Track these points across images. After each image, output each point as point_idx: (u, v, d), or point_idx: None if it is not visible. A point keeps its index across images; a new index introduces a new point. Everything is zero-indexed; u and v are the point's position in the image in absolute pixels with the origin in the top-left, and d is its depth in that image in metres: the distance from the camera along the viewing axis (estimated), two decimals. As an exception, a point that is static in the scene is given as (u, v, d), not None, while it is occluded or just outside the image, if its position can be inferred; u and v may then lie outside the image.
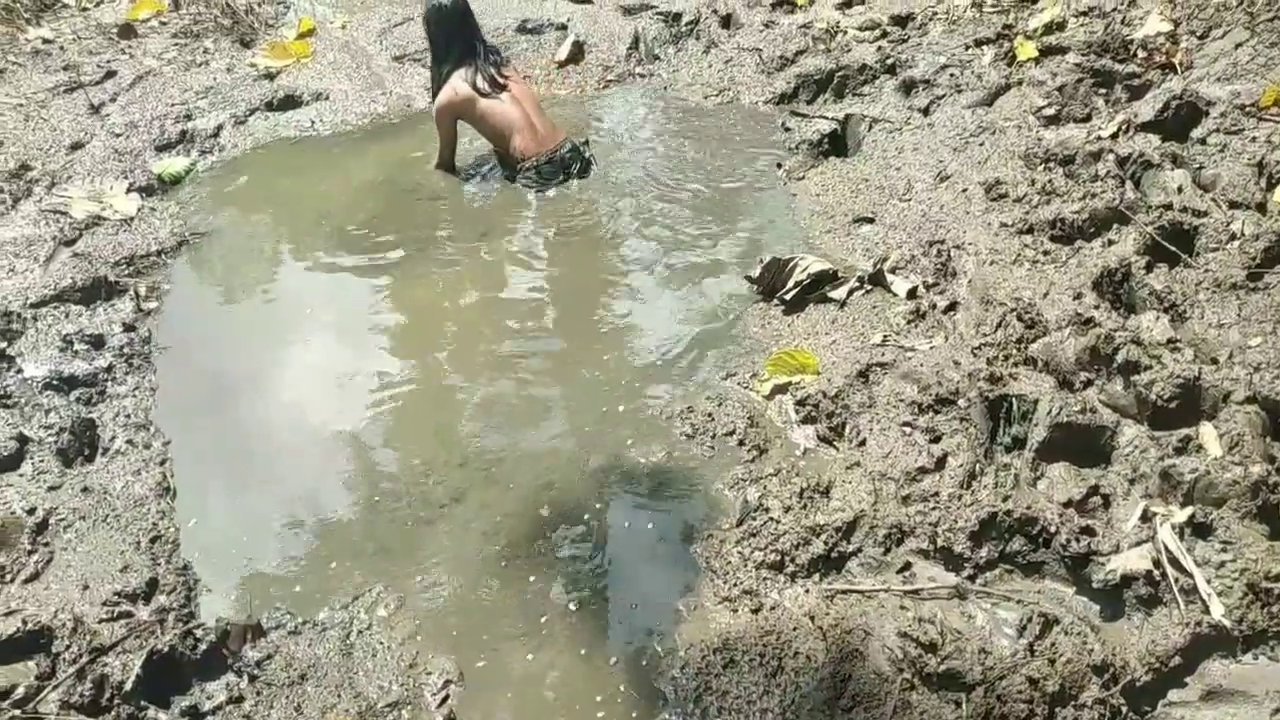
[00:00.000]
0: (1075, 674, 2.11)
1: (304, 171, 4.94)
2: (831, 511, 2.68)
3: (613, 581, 2.68)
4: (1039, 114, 4.58)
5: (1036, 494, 2.61)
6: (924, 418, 2.90)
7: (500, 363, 3.54)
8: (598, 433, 3.16)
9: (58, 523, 2.77)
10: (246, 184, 4.85)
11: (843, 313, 3.61)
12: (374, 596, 2.61)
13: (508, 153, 4.74)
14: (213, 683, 2.36)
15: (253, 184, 4.85)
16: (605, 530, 2.85)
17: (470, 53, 4.67)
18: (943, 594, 2.40)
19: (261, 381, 3.51)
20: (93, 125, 5.15)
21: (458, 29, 4.67)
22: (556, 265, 4.18)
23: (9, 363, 3.40)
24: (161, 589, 2.61)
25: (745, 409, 3.17)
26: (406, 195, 4.68)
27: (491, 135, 4.77)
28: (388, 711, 2.29)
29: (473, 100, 4.62)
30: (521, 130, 4.67)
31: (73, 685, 2.27)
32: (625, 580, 2.69)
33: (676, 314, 3.79)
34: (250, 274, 4.17)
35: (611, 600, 2.63)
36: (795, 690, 2.28)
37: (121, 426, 3.21)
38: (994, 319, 3.31)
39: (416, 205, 4.61)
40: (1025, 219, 3.83)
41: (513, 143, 4.68)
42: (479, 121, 4.72)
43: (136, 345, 3.62)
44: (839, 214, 4.31)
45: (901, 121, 4.92)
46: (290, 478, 3.06)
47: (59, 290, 3.80)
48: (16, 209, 4.34)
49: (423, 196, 4.68)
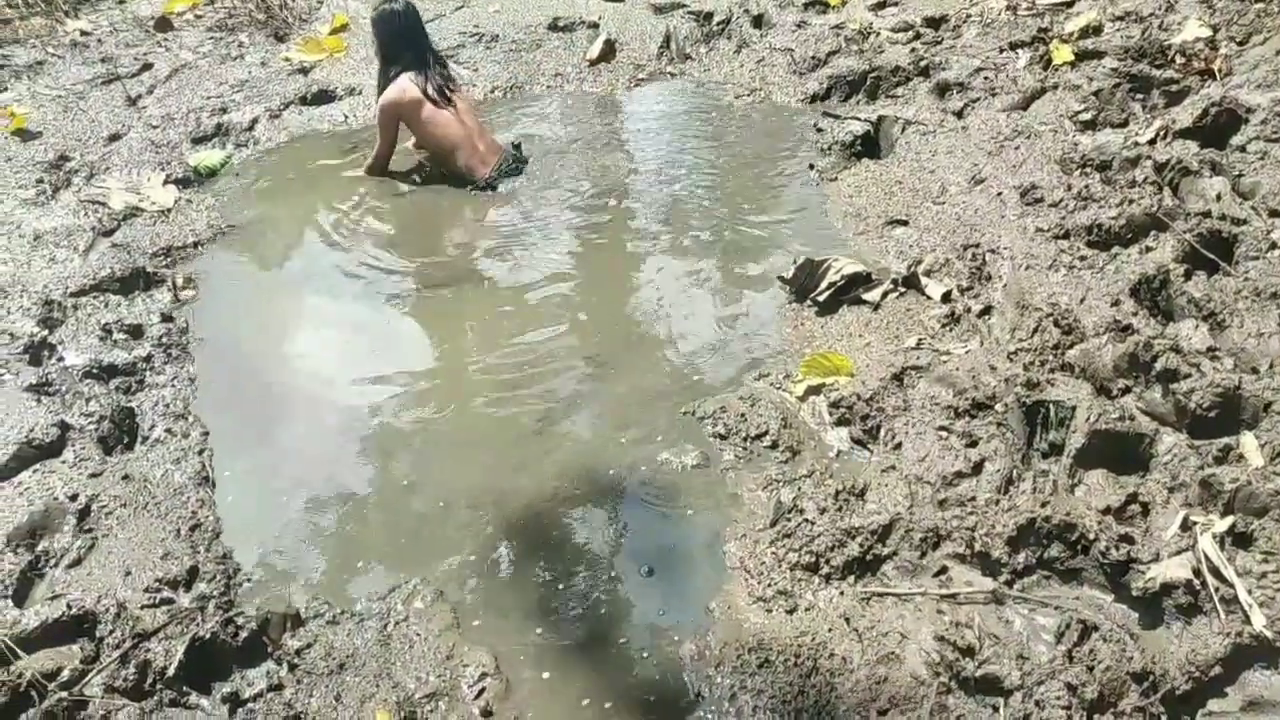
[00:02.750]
0: (1114, 681, 2.11)
1: (337, 165, 4.97)
2: (867, 514, 2.68)
3: (645, 580, 2.69)
4: (1075, 119, 4.55)
5: (1075, 500, 2.61)
6: (960, 422, 2.89)
7: (530, 360, 3.55)
8: (628, 432, 3.17)
9: (99, 510, 2.81)
10: (281, 177, 4.89)
11: (876, 315, 3.60)
12: (411, 588, 2.63)
13: (448, 167, 4.73)
14: (253, 670, 2.38)
15: (287, 177, 4.89)
16: (637, 528, 2.86)
17: (420, 61, 4.65)
18: (980, 599, 2.40)
19: (297, 373, 3.54)
20: (130, 117, 5.21)
21: (408, 36, 4.65)
22: (586, 265, 4.19)
23: (50, 351, 3.45)
24: (202, 577, 2.64)
25: (778, 410, 3.17)
26: (438, 188, 4.70)
27: (434, 145, 4.73)
28: (425, 702, 2.31)
29: (420, 103, 4.59)
30: (464, 148, 4.68)
31: (116, 670, 2.30)
32: (658, 579, 2.69)
33: (708, 315, 3.79)
34: (285, 266, 4.21)
35: (645, 598, 2.64)
36: (830, 691, 2.28)
37: (161, 415, 3.25)
38: (1030, 324, 3.30)
39: (444, 196, 4.63)
40: (1061, 224, 3.81)
41: (457, 159, 4.68)
42: (422, 127, 4.68)
43: (174, 335, 3.66)
44: (872, 216, 4.30)
45: (935, 124, 4.90)
46: (327, 469, 3.09)
47: (98, 280, 3.85)
48: (56, 199, 4.40)
49: (452, 190, 4.70)
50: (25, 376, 3.26)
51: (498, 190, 4.68)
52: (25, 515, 2.74)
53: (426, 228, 4.39)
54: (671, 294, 3.93)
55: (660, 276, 4.05)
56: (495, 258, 4.20)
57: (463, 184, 4.72)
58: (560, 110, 5.61)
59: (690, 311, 3.81)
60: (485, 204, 4.61)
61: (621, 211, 4.54)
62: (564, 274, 4.11)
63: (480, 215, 4.53)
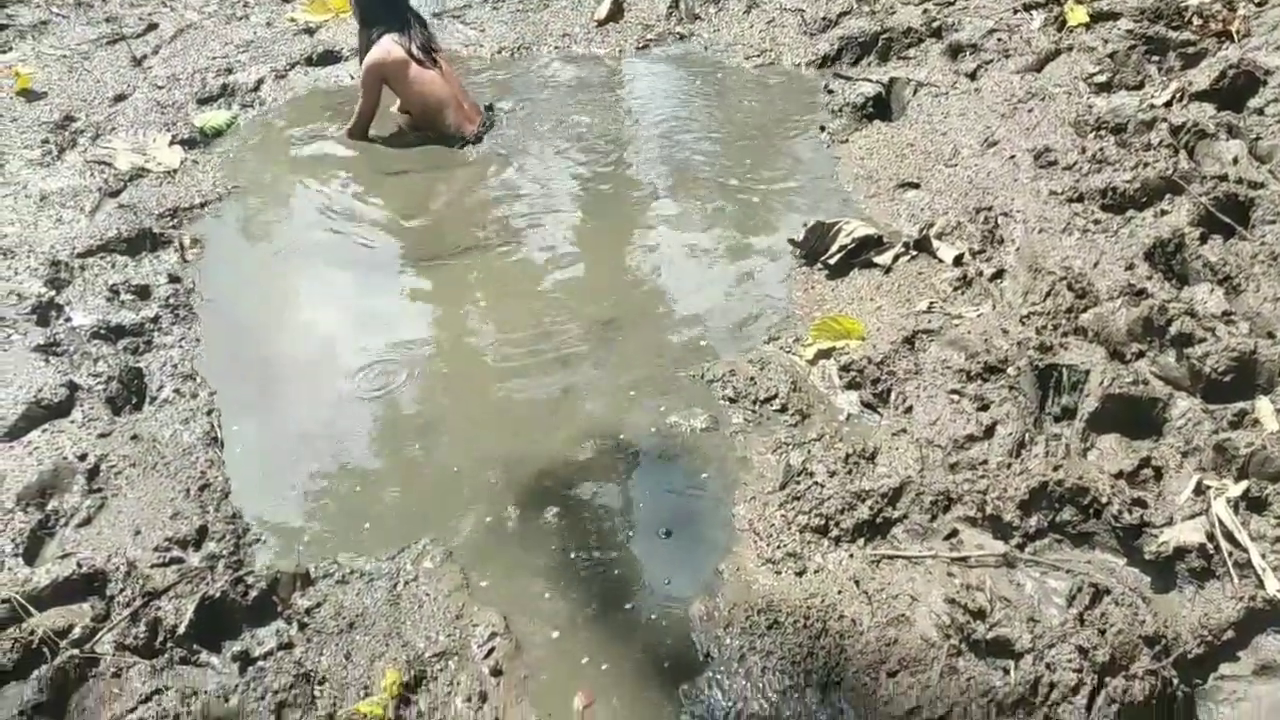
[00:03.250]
0: (1126, 644, 2.10)
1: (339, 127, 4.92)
2: (877, 477, 2.67)
3: (654, 541, 2.69)
4: (1090, 81, 4.49)
5: (1087, 464, 2.59)
6: (972, 385, 2.88)
7: (539, 324, 3.53)
8: (637, 395, 3.15)
9: (109, 469, 2.81)
10: (287, 138, 4.85)
11: (888, 279, 3.57)
12: (420, 549, 2.63)
13: (435, 127, 4.70)
14: (263, 629, 2.39)
15: (293, 138, 4.85)
16: (646, 491, 2.85)
17: (400, 22, 4.60)
18: (991, 562, 2.39)
19: (305, 334, 3.53)
20: (135, 78, 5.16)
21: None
22: (594, 229, 4.16)
23: (58, 311, 3.44)
24: (211, 536, 2.64)
25: (788, 374, 3.15)
26: (443, 149, 4.67)
27: (420, 104, 4.69)
28: (435, 661, 2.31)
29: (405, 63, 4.55)
30: (452, 106, 4.68)
31: (127, 627, 2.31)
32: (666, 541, 2.69)
33: (717, 277, 3.77)
34: (292, 227, 4.18)
35: (654, 560, 2.64)
36: (840, 653, 2.28)
37: (169, 376, 3.24)
38: (1043, 288, 3.27)
39: (453, 158, 4.60)
40: (1075, 187, 3.77)
41: (446, 118, 4.67)
42: (409, 88, 4.63)
43: (181, 296, 3.64)
44: (883, 179, 4.26)
45: (948, 86, 4.84)
46: (335, 430, 3.08)
47: (105, 241, 3.83)
48: (62, 159, 4.37)
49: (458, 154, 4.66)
50: (33, 337, 3.25)
51: (483, 142, 4.71)
52: (35, 474, 2.74)
53: (433, 191, 4.36)
54: (680, 257, 3.90)
55: (669, 239, 4.02)
56: (503, 222, 4.17)
57: (450, 143, 4.70)
58: (568, 71, 5.54)
59: (699, 275, 3.78)
60: (492, 168, 4.57)
61: (629, 174, 4.50)
62: (572, 237, 4.08)
63: (487, 179, 4.49)
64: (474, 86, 5.26)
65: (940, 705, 2.10)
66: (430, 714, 2.18)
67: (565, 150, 4.70)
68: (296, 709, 2.10)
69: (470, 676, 2.29)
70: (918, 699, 2.13)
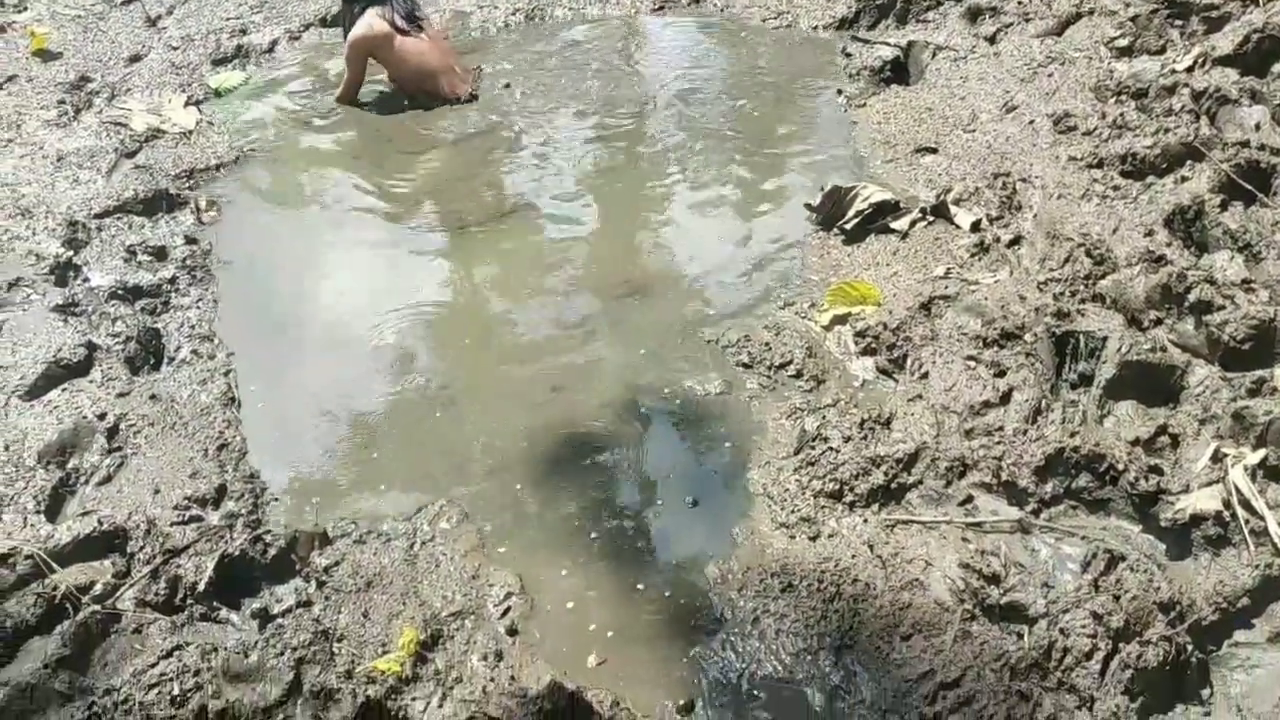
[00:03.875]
0: (1140, 610, 2.11)
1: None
2: (892, 443, 2.67)
3: (669, 504, 2.70)
4: (1111, 45, 4.43)
5: (1104, 431, 2.59)
6: (988, 352, 2.87)
7: (554, 288, 3.53)
8: (652, 359, 3.15)
9: (128, 428, 2.83)
10: (301, 99, 4.83)
11: (904, 244, 3.55)
12: (436, 509, 2.65)
13: (430, 93, 4.69)
14: (282, 587, 2.41)
15: (307, 99, 4.83)
16: (660, 455, 2.86)
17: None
18: (1005, 527, 2.40)
19: (321, 295, 3.54)
20: (150, 38, 5.15)
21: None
22: (608, 193, 4.14)
23: (75, 272, 3.45)
24: (230, 495, 2.67)
25: (803, 339, 3.15)
26: (459, 115, 4.65)
27: (412, 73, 4.68)
28: (452, 621, 2.33)
29: (390, 37, 4.55)
30: (446, 72, 4.69)
31: (148, 584, 2.34)
32: (681, 504, 2.70)
33: (733, 242, 3.75)
34: (307, 189, 4.18)
35: (668, 522, 2.65)
36: (854, 616, 2.30)
37: (186, 337, 3.26)
38: (1061, 254, 3.24)
39: (469, 123, 4.58)
40: (1095, 153, 3.73)
41: (440, 84, 4.68)
42: (396, 60, 4.64)
43: (198, 257, 3.65)
44: (901, 143, 4.22)
45: (967, 50, 4.78)
46: (352, 391, 3.09)
47: (122, 201, 3.84)
48: (78, 120, 4.37)
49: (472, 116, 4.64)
50: (52, 297, 3.27)
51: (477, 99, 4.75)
52: (55, 433, 2.76)
53: (449, 155, 4.34)
54: (695, 222, 3.89)
55: (684, 204, 4.00)
56: (518, 187, 4.16)
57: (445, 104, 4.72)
58: (582, 34, 5.49)
59: (715, 239, 3.77)
60: (507, 133, 4.55)
61: (644, 139, 4.47)
62: (586, 202, 4.07)
63: (502, 144, 4.47)
64: (487, 50, 5.24)
65: (953, 669, 2.11)
66: (447, 672, 2.20)
67: (580, 114, 4.67)
68: (316, 665, 2.12)
69: (486, 635, 2.31)
70: (931, 663, 2.14)
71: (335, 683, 2.07)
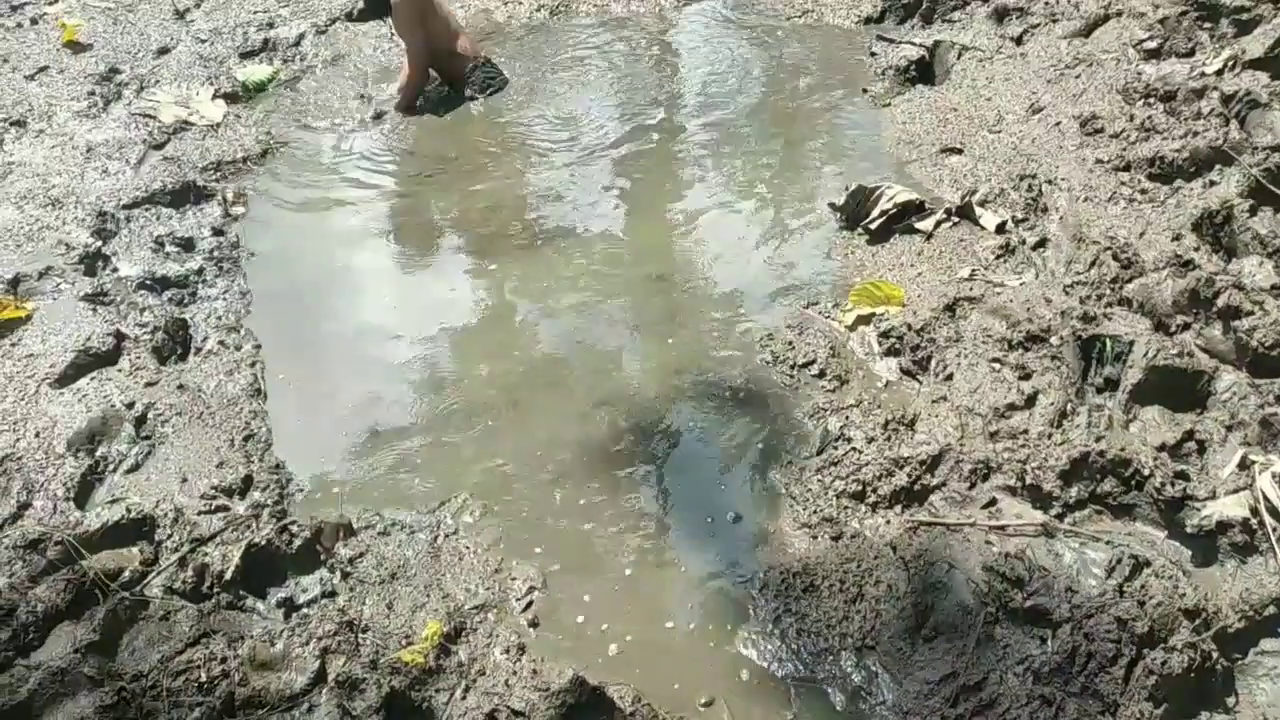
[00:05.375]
0: (1165, 617, 2.10)
1: (383, 81, 4.92)
2: (916, 444, 2.67)
3: (690, 502, 2.71)
4: (1139, 47, 4.39)
5: (1129, 436, 2.58)
6: (1013, 354, 2.86)
7: (577, 283, 3.54)
8: (676, 356, 3.16)
9: (156, 418, 2.86)
10: (328, 94, 4.85)
11: (929, 245, 3.54)
12: (459, 503, 2.66)
13: (452, 54, 4.66)
14: (307, 577, 2.43)
15: (334, 94, 4.85)
16: (682, 452, 2.86)
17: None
18: (1029, 531, 2.39)
19: (346, 288, 3.56)
20: (179, 31, 5.19)
21: None
22: (632, 189, 4.14)
23: (104, 261, 3.48)
24: (256, 485, 2.69)
25: (826, 339, 3.15)
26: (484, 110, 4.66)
27: (445, 33, 4.63)
28: (475, 613, 2.35)
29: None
30: (463, 30, 4.73)
31: (175, 572, 2.36)
32: (702, 501, 2.70)
33: (756, 240, 3.75)
34: (333, 182, 4.20)
35: (688, 519, 2.65)
36: (876, 617, 2.30)
37: (213, 328, 3.28)
38: (1087, 257, 3.23)
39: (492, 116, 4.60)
40: (1122, 156, 3.71)
41: (459, 43, 4.67)
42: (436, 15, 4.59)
43: (225, 249, 3.68)
44: (926, 143, 4.21)
45: (993, 50, 4.76)
46: (376, 385, 3.11)
47: (150, 193, 3.87)
48: (107, 111, 4.41)
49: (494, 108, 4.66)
50: (81, 286, 3.30)
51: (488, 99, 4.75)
52: (84, 421, 2.79)
53: (475, 149, 4.36)
54: (719, 220, 3.88)
55: (708, 202, 4.00)
56: (544, 179, 4.17)
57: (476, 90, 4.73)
58: (606, 29, 5.49)
59: (738, 238, 3.76)
60: (534, 129, 4.56)
61: (669, 136, 4.47)
62: (611, 199, 4.07)
63: (529, 139, 4.48)
64: (511, 45, 5.25)
65: (976, 672, 2.11)
66: (470, 664, 2.21)
67: (604, 110, 4.67)
68: (341, 655, 2.14)
69: (509, 629, 2.32)
70: (953, 665, 2.14)
71: (360, 672, 2.08)
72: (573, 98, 4.77)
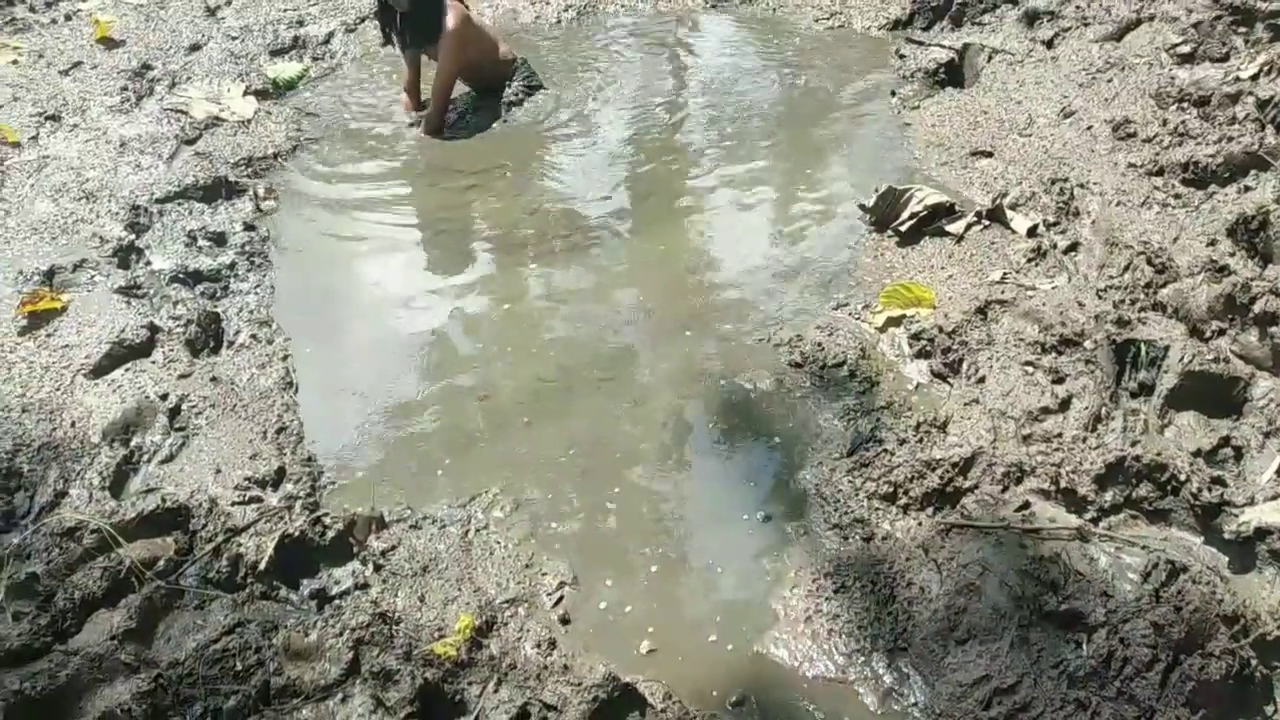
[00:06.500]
0: (1203, 623, 2.08)
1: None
2: (948, 446, 2.66)
3: (720, 501, 2.70)
4: (1172, 51, 4.37)
5: (1165, 441, 2.56)
6: (1047, 358, 2.84)
7: (607, 283, 3.55)
8: (706, 357, 3.15)
9: (189, 409, 2.87)
10: (357, 92, 4.88)
11: (959, 247, 3.53)
12: (490, 498, 2.67)
13: (496, 63, 4.65)
14: (339, 569, 2.44)
15: (363, 91, 4.88)
16: (711, 452, 2.86)
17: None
18: (1063, 535, 2.37)
19: (376, 284, 3.58)
20: (209, 28, 5.23)
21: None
22: (661, 191, 4.14)
23: (138, 255, 3.51)
24: (289, 478, 2.70)
25: (856, 340, 3.14)
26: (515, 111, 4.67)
27: (485, 49, 4.60)
28: (506, 608, 2.35)
29: (467, 15, 4.42)
30: (499, 36, 4.73)
31: (210, 562, 2.38)
32: (732, 501, 2.70)
33: (786, 241, 3.75)
34: (363, 179, 4.22)
35: (718, 518, 2.65)
36: (908, 619, 2.29)
37: (245, 321, 3.30)
38: (1121, 261, 3.21)
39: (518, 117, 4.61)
40: (1155, 160, 3.69)
41: (501, 51, 4.67)
42: (480, 34, 4.58)
43: (256, 244, 3.71)
44: (955, 146, 4.19)
45: (1023, 53, 4.74)
46: (406, 379, 3.13)
47: (183, 187, 3.90)
48: (140, 107, 4.45)
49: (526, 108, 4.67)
50: (115, 279, 3.33)
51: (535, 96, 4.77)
52: (119, 411, 2.81)
53: (500, 148, 4.37)
54: (748, 220, 3.89)
55: (737, 202, 4.00)
56: (573, 181, 4.18)
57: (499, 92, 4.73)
58: (633, 30, 5.50)
59: (767, 238, 3.77)
60: (560, 129, 4.57)
61: (697, 137, 4.48)
62: (638, 200, 4.08)
63: (554, 140, 4.49)
64: (540, 47, 5.27)
65: (1010, 675, 2.10)
66: (501, 658, 2.21)
67: (631, 111, 4.68)
68: (374, 647, 2.14)
69: (540, 624, 2.33)
70: (987, 668, 2.13)
71: (394, 664, 2.09)
72: (601, 100, 4.78)
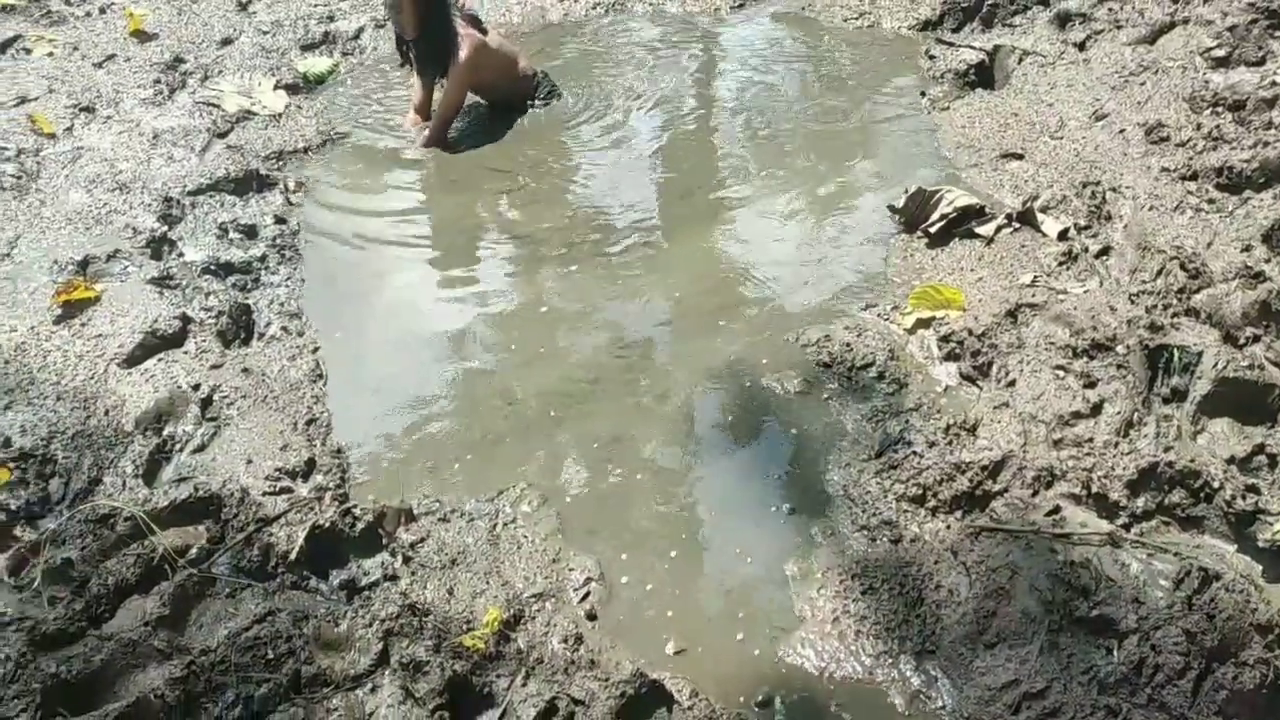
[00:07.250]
0: (1236, 631, 2.07)
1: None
2: (978, 450, 2.65)
3: (747, 501, 2.70)
4: (1207, 55, 4.33)
5: (1198, 447, 2.54)
6: (1078, 362, 2.83)
7: (635, 282, 3.55)
8: (733, 356, 3.15)
9: (221, 400, 2.90)
10: (387, 87, 4.90)
11: (990, 250, 3.51)
12: (518, 492, 2.68)
13: (514, 80, 4.61)
14: (369, 560, 2.46)
15: (392, 87, 4.90)
16: (739, 451, 2.86)
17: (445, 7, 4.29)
18: (1094, 540, 2.36)
19: (405, 277, 3.59)
20: (241, 22, 5.26)
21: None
22: (689, 191, 4.13)
23: (170, 246, 3.54)
24: (319, 469, 2.72)
25: (885, 341, 3.13)
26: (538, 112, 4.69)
27: (504, 67, 4.56)
28: (533, 602, 2.36)
29: (484, 42, 4.42)
30: (517, 50, 4.69)
31: (241, 551, 2.40)
32: (759, 501, 2.69)
33: (815, 242, 3.74)
34: (392, 174, 4.24)
35: (746, 518, 2.64)
36: (936, 622, 2.28)
37: (276, 313, 3.33)
38: (1154, 266, 3.18)
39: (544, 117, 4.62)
40: (1189, 165, 3.66)
41: (521, 65, 4.64)
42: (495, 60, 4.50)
43: (287, 237, 3.73)
44: (986, 148, 4.17)
45: (1055, 56, 4.71)
46: (435, 373, 3.14)
47: (214, 180, 3.93)
48: (173, 99, 4.48)
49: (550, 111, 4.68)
50: (148, 270, 3.36)
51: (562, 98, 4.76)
52: (152, 401, 2.84)
53: (526, 150, 4.38)
54: (777, 221, 3.87)
55: (766, 203, 3.98)
56: (597, 179, 4.19)
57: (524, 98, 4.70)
58: (661, 29, 5.50)
59: (796, 239, 3.76)
60: (586, 130, 4.57)
61: (726, 136, 4.47)
62: (666, 201, 4.08)
63: (581, 141, 4.49)
64: (566, 45, 5.28)
65: (1040, 679, 2.09)
66: (529, 652, 2.22)
67: (660, 113, 4.68)
68: (404, 638, 2.16)
69: (567, 619, 2.33)
70: (1016, 672, 2.12)
71: (423, 655, 2.10)
72: (628, 100, 4.77)
